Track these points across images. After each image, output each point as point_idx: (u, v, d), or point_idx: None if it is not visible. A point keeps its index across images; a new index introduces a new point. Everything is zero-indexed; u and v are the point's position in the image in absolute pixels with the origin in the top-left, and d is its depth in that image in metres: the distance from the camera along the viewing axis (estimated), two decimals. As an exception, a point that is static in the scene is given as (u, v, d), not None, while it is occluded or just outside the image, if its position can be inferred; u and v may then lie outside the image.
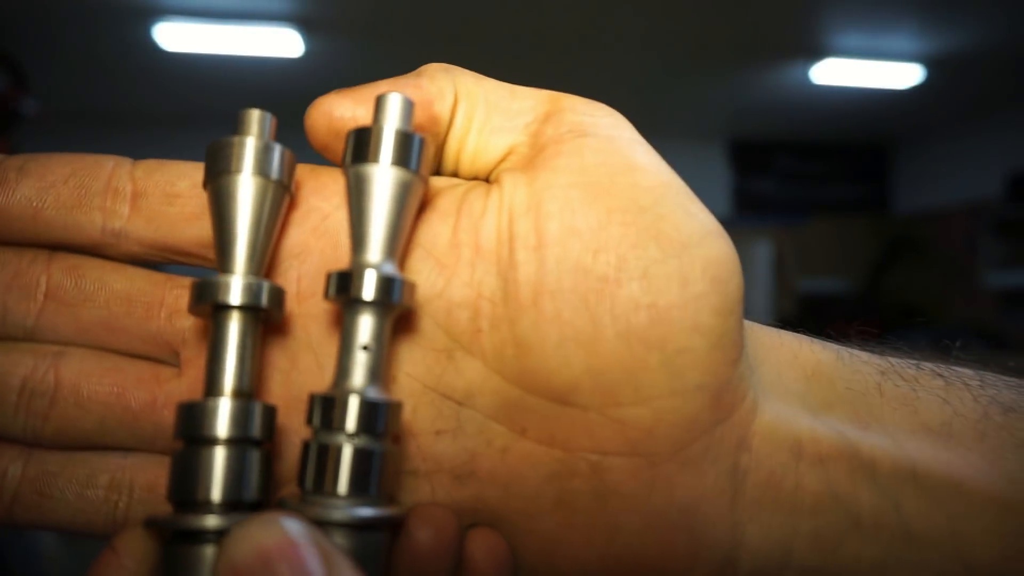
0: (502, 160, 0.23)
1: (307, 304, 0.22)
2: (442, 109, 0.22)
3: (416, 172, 0.20)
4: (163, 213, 0.22)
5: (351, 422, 0.18)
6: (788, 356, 0.24)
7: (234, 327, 0.19)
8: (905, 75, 3.46)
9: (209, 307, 0.20)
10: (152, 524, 0.18)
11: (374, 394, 0.19)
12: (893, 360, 0.24)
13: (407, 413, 0.21)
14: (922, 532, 0.21)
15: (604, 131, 0.22)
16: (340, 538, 0.18)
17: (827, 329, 0.27)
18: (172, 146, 4.42)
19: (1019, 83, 3.61)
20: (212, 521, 0.18)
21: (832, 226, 4.73)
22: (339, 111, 0.21)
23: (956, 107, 4.12)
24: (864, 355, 0.24)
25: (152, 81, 3.56)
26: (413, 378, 0.21)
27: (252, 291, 0.19)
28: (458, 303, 0.21)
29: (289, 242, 0.22)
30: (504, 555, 0.21)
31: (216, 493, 0.18)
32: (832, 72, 3.41)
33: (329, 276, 0.20)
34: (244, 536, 0.15)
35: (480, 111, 0.23)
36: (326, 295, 0.20)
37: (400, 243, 0.20)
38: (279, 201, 0.20)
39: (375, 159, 0.20)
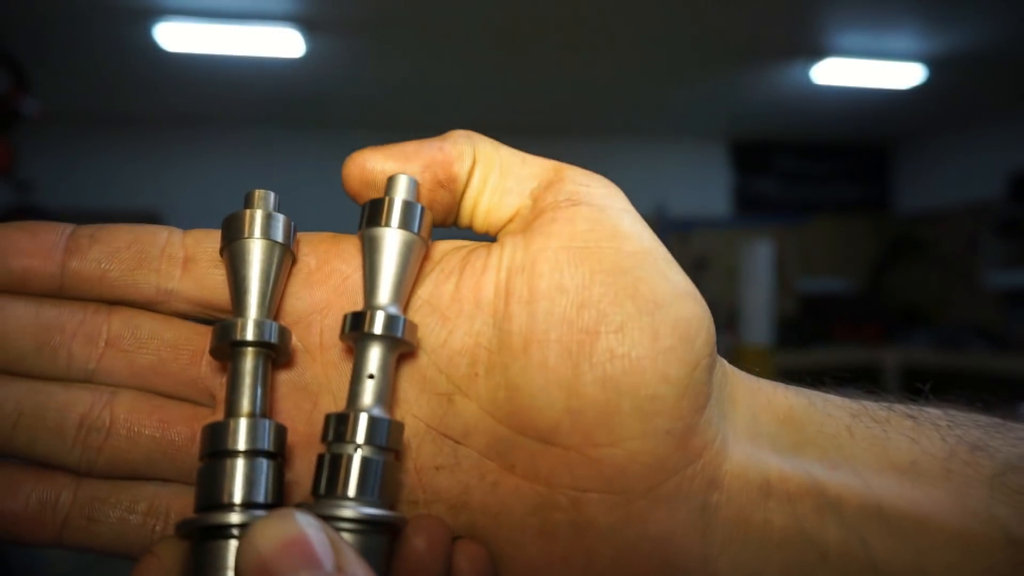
0: (509, 220, 0.26)
1: (328, 353, 0.25)
2: (460, 170, 0.25)
3: (418, 234, 0.24)
4: (209, 275, 0.25)
5: (360, 435, 0.22)
6: (763, 401, 0.26)
7: (248, 361, 0.23)
8: (906, 75, 3.46)
9: (227, 346, 0.23)
10: (183, 526, 0.21)
11: (379, 413, 0.22)
12: (866, 403, 0.26)
13: (411, 449, 0.24)
14: (889, 566, 0.22)
15: (597, 200, 0.25)
16: (347, 536, 0.21)
17: (828, 329, 0.27)
18: (172, 146, 4.43)
19: (1020, 83, 3.61)
20: (234, 517, 0.20)
21: (833, 226, 4.73)
22: (371, 164, 0.25)
23: (957, 107, 4.12)
24: (837, 400, 0.26)
25: (152, 81, 3.56)
26: (418, 419, 0.24)
27: (263, 329, 0.23)
28: (458, 351, 0.24)
29: (313, 299, 0.25)
30: (485, 564, 0.23)
31: (236, 495, 0.21)
32: (833, 72, 3.41)
33: (345, 317, 0.23)
34: (264, 528, 0.17)
35: (495, 174, 0.26)
36: (342, 333, 0.23)
37: (405, 292, 0.24)
38: (283, 259, 0.24)
39: (386, 223, 0.24)
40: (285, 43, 3.03)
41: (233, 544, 0.20)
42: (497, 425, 0.23)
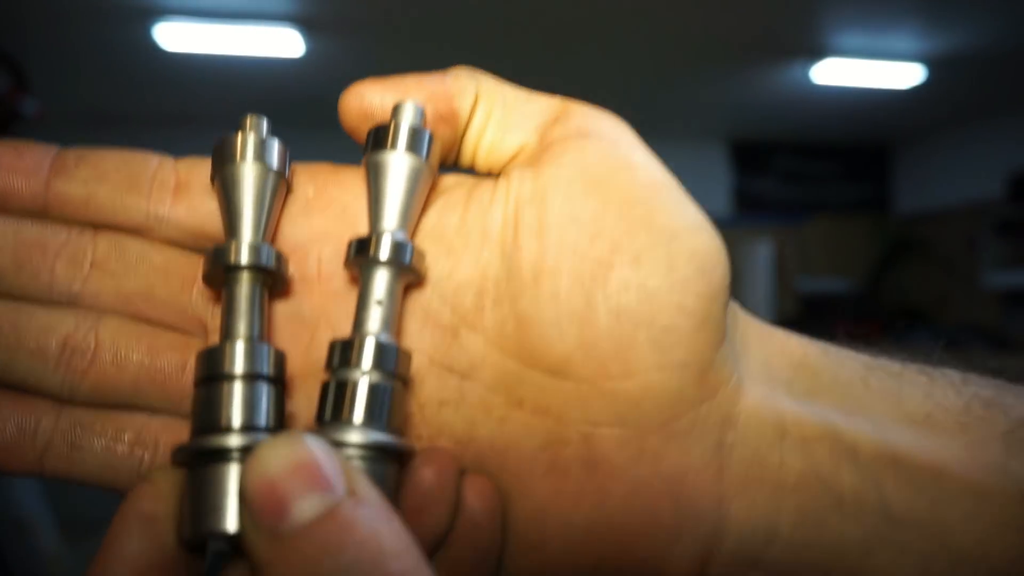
0: (513, 157, 0.25)
1: (327, 284, 0.24)
2: (463, 104, 0.25)
3: (426, 160, 0.23)
4: (203, 203, 0.24)
5: (367, 360, 0.21)
6: (776, 347, 0.25)
7: (244, 286, 0.22)
8: (906, 75, 3.46)
9: (221, 271, 0.22)
10: (180, 451, 0.20)
11: (387, 339, 0.21)
12: (879, 358, 0.26)
13: (416, 385, 0.23)
14: (903, 515, 0.22)
15: (606, 133, 0.24)
16: (355, 462, 0.20)
17: (828, 329, 0.27)
18: (172, 146, 4.40)
19: (1020, 83, 3.61)
20: (234, 440, 0.19)
21: (832, 226, 4.73)
22: (370, 96, 0.24)
23: (957, 107, 4.12)
24: (851, 352, 0.26)
25: (152, 81, 3.56)
26: (420, 353, 0.23)
27: (259, 253, 0.22)
28: (464, 283, 0.23)
29: (312, 228, 0.24)
30: (493, 498, 0.22)
31: (235, 419, 0.20)
32: (832, 72, 3.41)
33: (350, 243, 0.22)
34: (271, 449, 0.16)
35: (498, 110, 0.25)
36: (347, 260, 0.23)
37: (412, 219, 0.23)
38: (277, 186, 0.23)
39: (392, 147, 0.23)
40: (285, 43, 3.03)
41: (234, 468, 0.19)
42: (505, 359, 0.23)
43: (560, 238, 0.22)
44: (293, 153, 0.25)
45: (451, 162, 0.26)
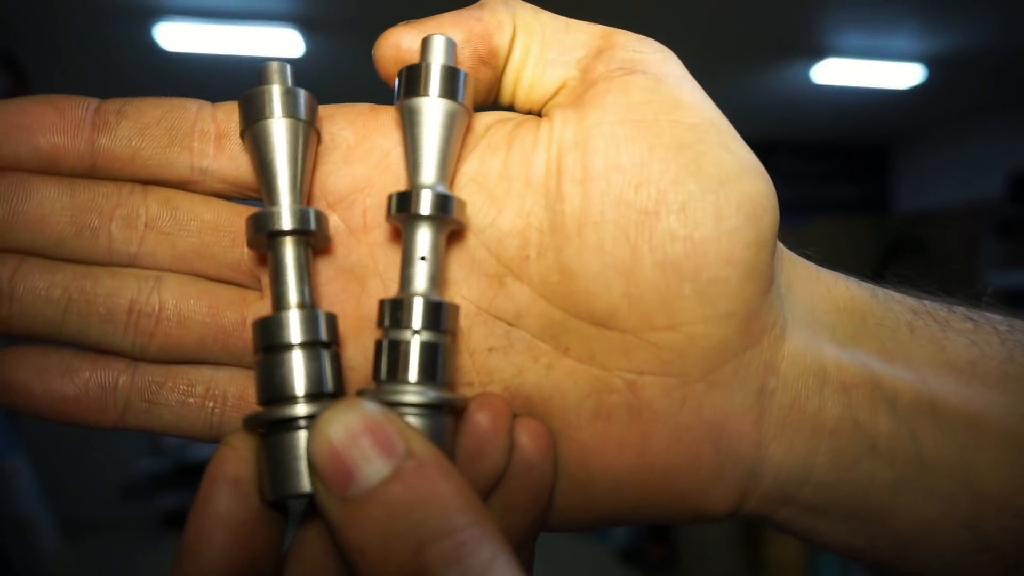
0: (555, 94, 0.24)
1: (373, 234, 0.24)
2: (501, 41, 0.24)
3: (461, 103, 0.22)
4: (244, 153, 0.24)
5: (417, 319, 0.21)
6: (823, 290, 0.25)
7: (289, 250, 0.22)
8: (906, 75, 3.46)
9: (265, 237, 0.22)
10: (251, 420, 0.21)
11: (435, 297, 0.22)
12: (926, 302, 0.26)
13: (463, 331, 0.23)
14: (934, 459, 0.22)
15: (653, 68, 0.23)
16: (413, 420, 0.21)
17: None
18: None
19: (1020, 83, 3.61)
20: (300, 409, 0.20)
21: (832, 226, 4.72)
22: (406, 43, 0.23)
23: (957, 107, 4.11)
24: (898, 295, 0.26)
25: (152, 81, 3.56)
26: (468, 300, 0.24)
27: (300, 217, 0.22)
28: (508, 232, 0.23)
29: (354, 177, 0.24)
30: (546, 439, 0.23)
31: (299, 388, 0.21)
32: (833, 72, 3.41)
33: (390, 197, 0.22)
34: (332, 417, 0.18)
35: (537, 44, 0.24)
36: (388, 215, 0.22)
37: (450, 167, 0.23)
38: (308, 138, 0.23)
39: (425, 92, 0.22)
40: (285, 43, 3.03)
41: (302, 435, 0.20)
42: (551, 308, 0.23)
43: (604, 187, 0.21)
44: None
45: (490, 101, 0.25)
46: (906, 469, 0.23)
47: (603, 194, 0.22)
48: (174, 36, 2.95)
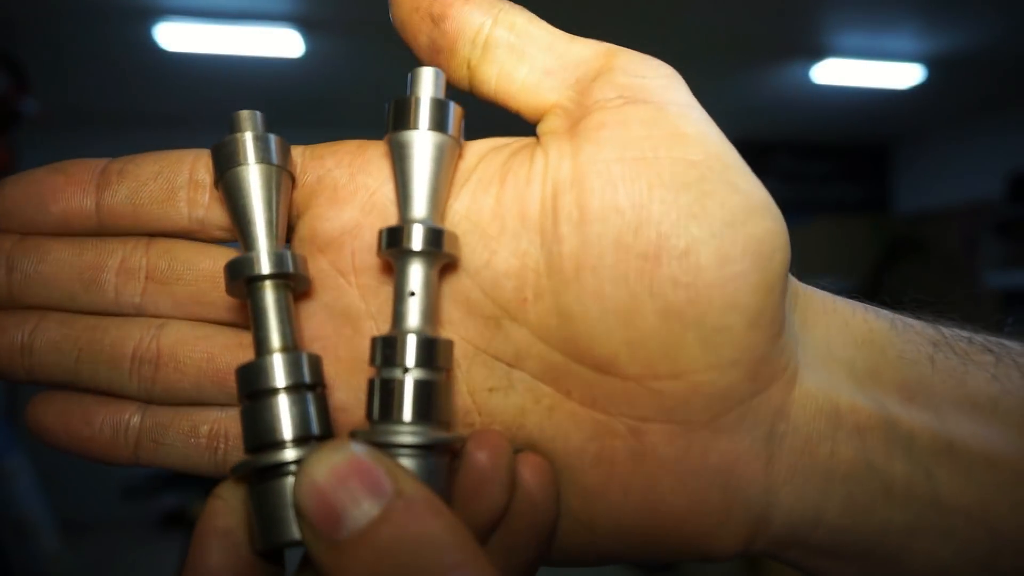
0: (548, 112, 0.23)
1: (364, 276, 0.24)
2: (459, 13, 0.23)
3: (451, 135, 0.22)
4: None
5: (410, 357, 0.21)
6: (839, 323, 0.24)
7: (269, 295, 0.22)
8: (905, 75, 3.46)
9: (243, 283, 0.22)
10: (238, 469, 0.21)
11: (428, 333, 0.21)
12: (946, 331, 0.25)
13: (464, 372, 0.23)
14: (952, 502, 0.22)
15: (655, 96, 0.22)
16: (406, 461, 0.20)
17: None
18: (172, 146, 4.40)
19: (1020, 83, 3.61)
20: (288, 454, 0.20)
21: (832, 226, 4.72)
22: None
23: (956, 107, 4.11)
24: (918, 324, 0.25)
25: (152, 81, 3.56)
26: (466, 341, 0.23)
27: (278, 260, 0.22)
28: (503, 273, 0.22)
29: (342, 220, 0.24)
30: (548, 475, 0.22)
31: (286, 432, 0.21)
32: (832, 72, 3.40)
33: (381, 232, 0.22)
34: (319, 460, 0.17)
35: (531, 47, 0.23)
36: (379, 250, 0.22)
37: (441, 201, 0.22)
38: (281, 182, 0.23)
39: (415, 125, 0.22)
40: (285, 43, 3.03)
41: (290, 480, 0.20)
42: (550, 351, 0.22)
43: (602, 230, 0.21)
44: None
45: (464, 87, 0.24)
46: (922, 512, 0.22)
47: (601, 237, 0.21)
48: (174, 36, 2.95)
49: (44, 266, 0.24)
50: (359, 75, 3.52)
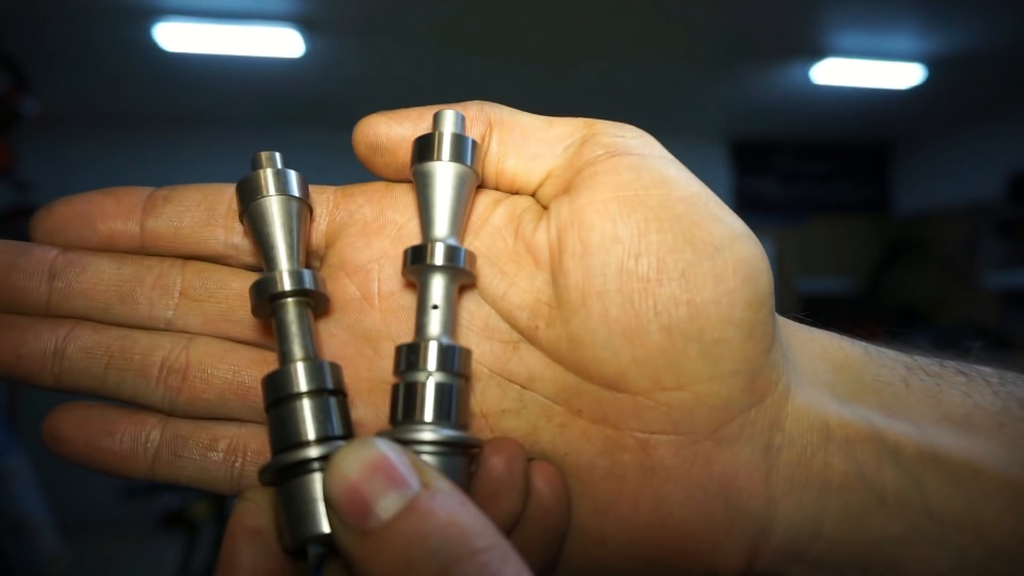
0: (541, 184, 0.26)
1: (387, 301, 0.26)
2: (475, 135, 0.26)
3: (470, 166, 0.24)
4: None
5: (431, 362, 0.22)
6: (818, 349, 0.26)
7: (291, 311, 0.24)
8: (905, 75, 3.46)
9: (267, 301, 0.24)
10: (265, 471, 0.22)
11: (447, 341, 0.23)
12: (918, 357, 0.27)
13: (478, 395, 0.25)
14: (942, 511, 0.23)
15: (636, 150, 0.25)
16: (428, 458, 0.21)
17: (827, 328, 0.28)
18: (172, 146, 4.42)
19: (1020, 83, 3.61)
20: (312, 452, 0.21)
21: (832, 226, 4.73)
22: (378, 129, 0.26)
23: (956, 107, 4.11)
24: (891, 352, 0.27)
25: (152, 81, 3.56)
26: (482, 365, 0.25)
27: (298, 279, 0.24)
28: (518, 305, 0.24)
29: (371, 250, 0.26)
30: (559, 483, 0.24)
31: (310, 433, 0.22)
32: (832, 72, 3.41)
33: (406, 252, 0.24)
34: (348, 454, 0.19)
35: (516, 139, 0.26)
36: (404, 268, 0.24)
37: (461, 223, 0.25)
38: (301, 212, 0.25)
39: (438, 157, 0.24)
40: (285, 43, 3.03)
41: (316, 478, 0.21)
42: (563, 373, 0.24)
43: (604, 259, 0.23)
44: (292, 153, 0.26)
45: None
46: (916, 522, 0.23)
47: (604, 265, 0.23)
48: (174, 36, 2.95)
49: (84, 277, 0.26)
50: (359, 75, 3.52)
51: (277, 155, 0.25)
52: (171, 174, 4.25)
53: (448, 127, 0.25)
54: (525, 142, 0.26)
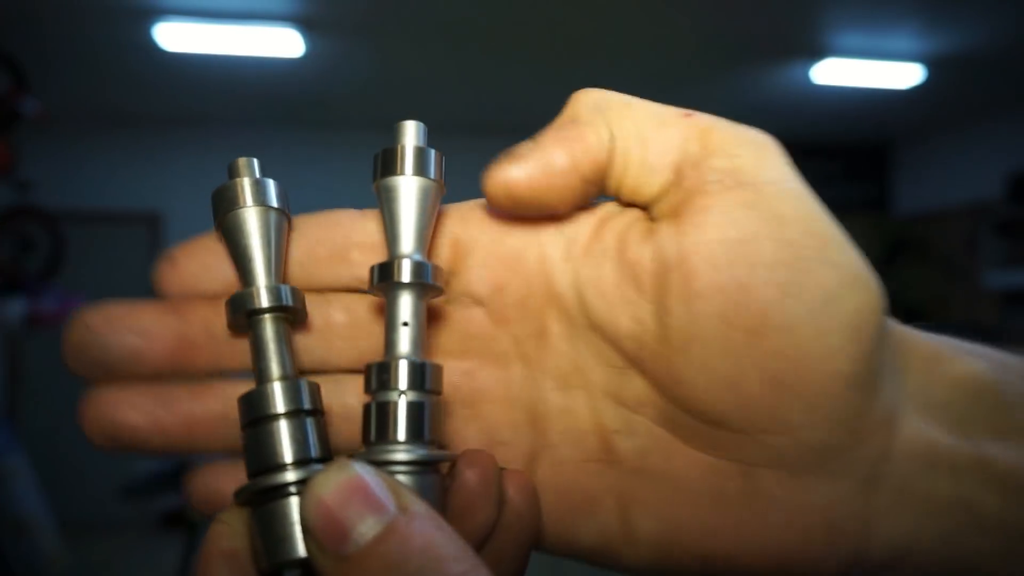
0: (653, 200, 0.25)
1: (513, 326, 0.26)
2: (602, 157, 0.24)
3: (434, 180, 0.24)
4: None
5: (403, 380, 0.22)
6: (937, 368, 0.25)
7: (269, 327, 0.23)
8: (905, 75, 3.47)
9: (244, 317, 0.23)
10: (241, 492, 0.21)
11: (417, 358, 0.23)
12: None
13: (594, 414, 0.25)
14: None
15: (752, 177, 0.23)
16: (403, 478, 0.21)
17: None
18: (172, 146, 4.41)
19: (1020, 83, 3.61)
20: (289, 475, 0.21)
21: (832, 226, 4.73)
22: (513, 175, 0.24)
23: (956, 107, 4.12)
24: (1019, 364, 0.26)
25: (152, 81, 3.56)
26: (596, 386, 0.25)
27: (276, 295, 0.23)
28: (624, 335, 0.24)
29: (495, 278, 0.26)
30: (530, 489, 0.24)
31: (287, 456, 0.22)
32: (832, 72, 3.41)
33: (372, 269, 0.23)
34: (325, 479, 0.18)
35: (635, 147, 0.24)
36: (370, 285, 0.24)
37: (427, 238, 0.24)
38: (280, 223, 0.24)
39: (401, 172, 0.24)
40: (285, 43, 3.03)
41: (292, 501, 0.21)
42: (667, 404, 0.24)
43: (707, 308, 0.22)
44: (292, 153, 0.25)
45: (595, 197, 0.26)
46: (1014, 542, 0.23)
47: (706, 314, 0.22)
48: (174, 36, 2.95)
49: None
50: (359, 75, 3.52)
51: (255, 162, 0.24)
52: (171, 174, 4.26)
53: (410, 139, 0.24)
54: (643, 150, 0.24)
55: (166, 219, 4.26)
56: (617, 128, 0.24)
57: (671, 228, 0.23)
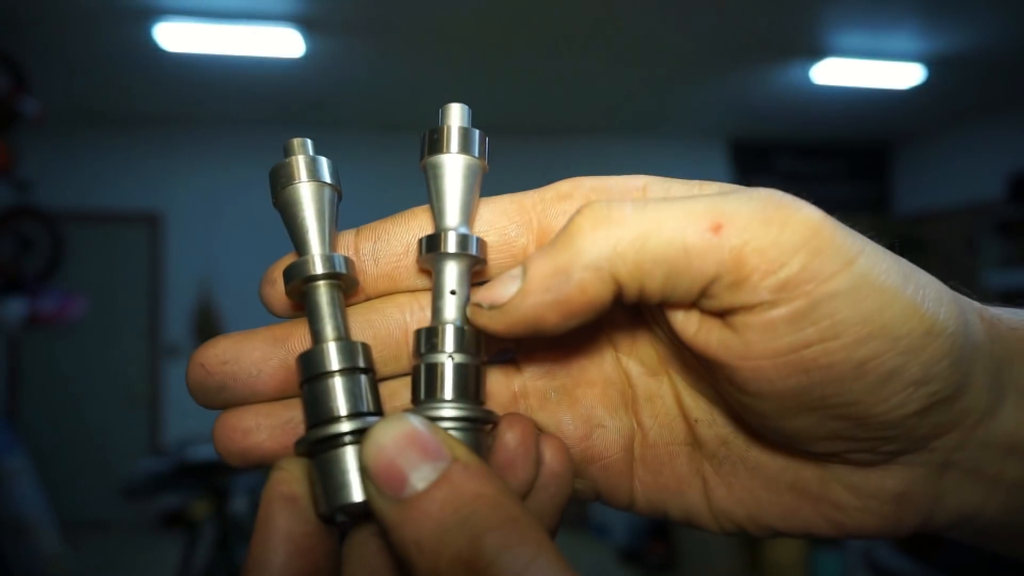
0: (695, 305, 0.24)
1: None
2: (605, 305, 0.22)
3: (477, 157, 0.25)
4: None
5: (450, 344, 0.24)
6: None
7: (323, 293, 0.25)
8: (906, 75, 3.47)
9: (300, 283, 0.25)
10: (301, 443, 0.23)
11: (463, 324, 0.24)
12: None
13: (682, 401, 0.27)
14: None
15: (795, 290, 0.21)
16: (452, 432, 0.23)
17: None
18: (172, 146, 4.41)
19: (1020, 83, 3.61)
20: (345, 425, 0.23)
21: (832, 226, 4.72)
22: (495, 327, 0.23)
23: (957, 107, 4.12)
24: None
25: (152, 81, 3.56)
26: (679, 377, 0.27)
27: (330, 262, 0.25)
28: (711, 439, 0.27)
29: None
30: (564, 452, 0.25)
31: (343, 409, 0.23)
32: (832, 72, 3.41)
33: (420, 241, 0.25)
34: (384, 428, 0.20)
35: (656, 290, 0.22)
36: (418, 256, 0.25)
37: (471, 212, 0.26)
38: (332, 197, 0.26)
39: (447, 150, 0.25)
40: (285, 43, 3.03)
41: (348, 450, 0.22)
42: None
43: (759, 424, 0.25)
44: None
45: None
46: None
47: (761, 416, 0.24)
48: (174, 36, 2.95)
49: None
50: (359, 75, 3.52)
51: (309, 142, 0.26)
52: (171, 174, 4.26)
53: (455, 120, 0.25)
54: (669, 288, 0.22)
55: (166, 219, 4.26)
56: (629, 275, 0.21)
57: (719, 337, 0.22)
